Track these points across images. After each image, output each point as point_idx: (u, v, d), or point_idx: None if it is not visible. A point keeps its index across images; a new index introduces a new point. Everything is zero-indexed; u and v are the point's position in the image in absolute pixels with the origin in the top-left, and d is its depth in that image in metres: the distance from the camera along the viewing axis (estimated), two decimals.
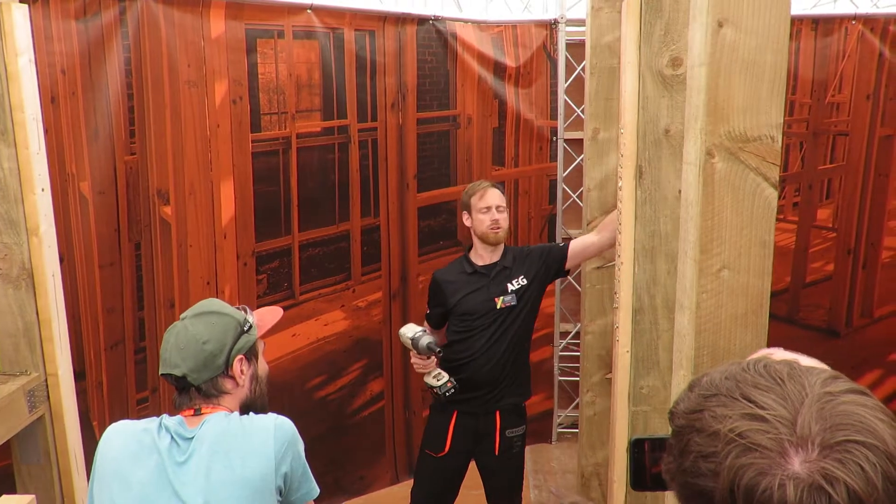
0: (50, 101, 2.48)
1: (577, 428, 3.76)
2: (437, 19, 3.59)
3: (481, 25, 3.77)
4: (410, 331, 2.66)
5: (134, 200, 2.75)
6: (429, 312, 2.85)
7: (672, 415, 0.73)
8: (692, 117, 1.21)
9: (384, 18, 3.40)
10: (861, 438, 0.62)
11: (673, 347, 1.38)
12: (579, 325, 3.75)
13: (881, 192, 3.77)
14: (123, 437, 1.50)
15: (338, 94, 3.28)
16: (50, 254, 2.10)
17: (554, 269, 2.77)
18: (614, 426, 2.12)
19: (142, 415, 2.74)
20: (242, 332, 1.59)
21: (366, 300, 3.55)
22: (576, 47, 3.79)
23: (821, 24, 3.62)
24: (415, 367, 2.69)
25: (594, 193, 3.26)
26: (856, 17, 3.61)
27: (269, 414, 1.55)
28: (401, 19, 3.45)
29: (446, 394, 2.63)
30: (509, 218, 2.78)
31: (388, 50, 3.42)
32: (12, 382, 2.04)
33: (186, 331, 1.54)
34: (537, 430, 4.07)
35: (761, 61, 1.15)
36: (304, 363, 3.35)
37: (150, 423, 1.51)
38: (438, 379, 2.64)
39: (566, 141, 3.93)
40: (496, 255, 2.75)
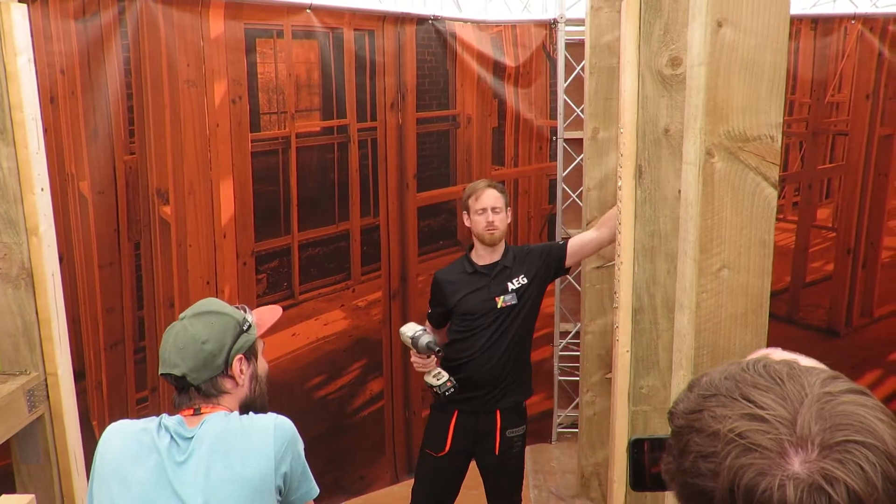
0: (49, 100, 2.48)
1: (576, 428, 3.76)
2: (436, 19, 3.59)
3: (481, 25, 3.77)
4: (410, 330, 2.67)
5: (133, 200, 2.75)
6: (430, 312, 2.86)
7: (671, 415, 0.73)
8: (692, 117, 1.21)
9: (383, 18, 3.40)
10: (861, 438, 0.61)
11: (673, 347, 1.38)
12: (579, 324, 3.75)
13: (881, 191, 3.77)
14: (123, 437, 1.50)
15: (337, 94, 3.28)
16: (49, 253, 2.10)
17: (554, 267, 2.77)
18: (614, 426, 2.13)
19: (141, 414, 2.74)
20: (242, 331, 1.59)
21: (365, 300, 3.55)
22: (575, 47, 3.79)
23: (820, 24, 3.62)
24: (415, 366, 2.69)
25: (594, 193, 3.26)
26: (855, 17, 3.61)
27: (269, 413, 1.54)
28: (400, 19, 3.45)
29: (446, 393, 2.63)
30: (510, 217, 2.79)
31: (388, 50, 3.42)
32: (12, 382, 2.04)
33: (185, 331, 1.54)
34: (537, 430, 4.07)
35: (761, 61, 1.15)
36: (303, 363, 3.35)
37: (150, 422, 1.51)
38: (438, 378, 2.64)
39: (566, 140, 3.93)
40: (497, 255, 2.75)
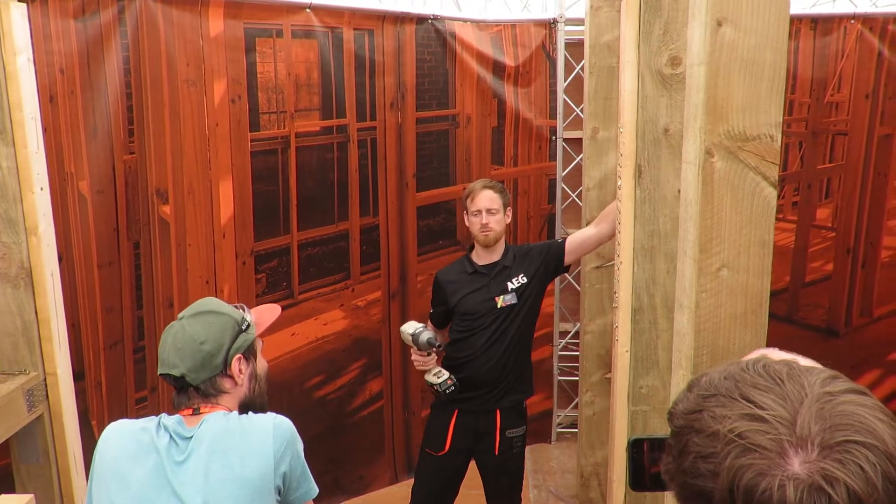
0: (48, 100, 2.48)
1: (576, 428, 3.76)
2: (436, 18, 3.59)
3: (480, 25, 3.77)
4: (411, 327, 2.67)
5: (133, 199, 2.75)
6: (432, 311, 2.87)
7: (671, 415, 0.72)
8: (691, 116, 1.21)
9: (383, 18, 3.40)
10: (861, 438, 0.61)
11: (672, 347, 1.38)
12: (578, 324, 3.75)
13: (880, 191, 3.77)
14: (122, 437, 1.49)
15: (337, 94, 3.28)
16: (49, 253, 2.10)
17: (553, 265, 2.77)
18: (613, 426, 2.12)
19: (141, 414, 2.74)
20: (240, 331, 1.58)
21: (365, 299, 3.54)
22: (575, 46, 3.78)
23: (820, 24, 3.62)
24: (415, 364, 2.69)
25: (593, 193, 3.26)
26: (855, 17, 3.61)
27: (268, 413, 1.54)
28: (400, 18, 3.45)
29: (446, 391, 2.63)
30: (509, 218, 2.78)
31: (387, 49, 3.42)
32: (11, 382, 2.04)
33: (184, 331, 1.54)
34: (537, 430, 4.07)
35: (760, 60, 1.14)
36: (303, 362, 3.35)
37: (149, 422, 1.51)
38: (439, 376, 2.64)
39: (565, 140, 3.93)
40: (497, 255, 2.75)
